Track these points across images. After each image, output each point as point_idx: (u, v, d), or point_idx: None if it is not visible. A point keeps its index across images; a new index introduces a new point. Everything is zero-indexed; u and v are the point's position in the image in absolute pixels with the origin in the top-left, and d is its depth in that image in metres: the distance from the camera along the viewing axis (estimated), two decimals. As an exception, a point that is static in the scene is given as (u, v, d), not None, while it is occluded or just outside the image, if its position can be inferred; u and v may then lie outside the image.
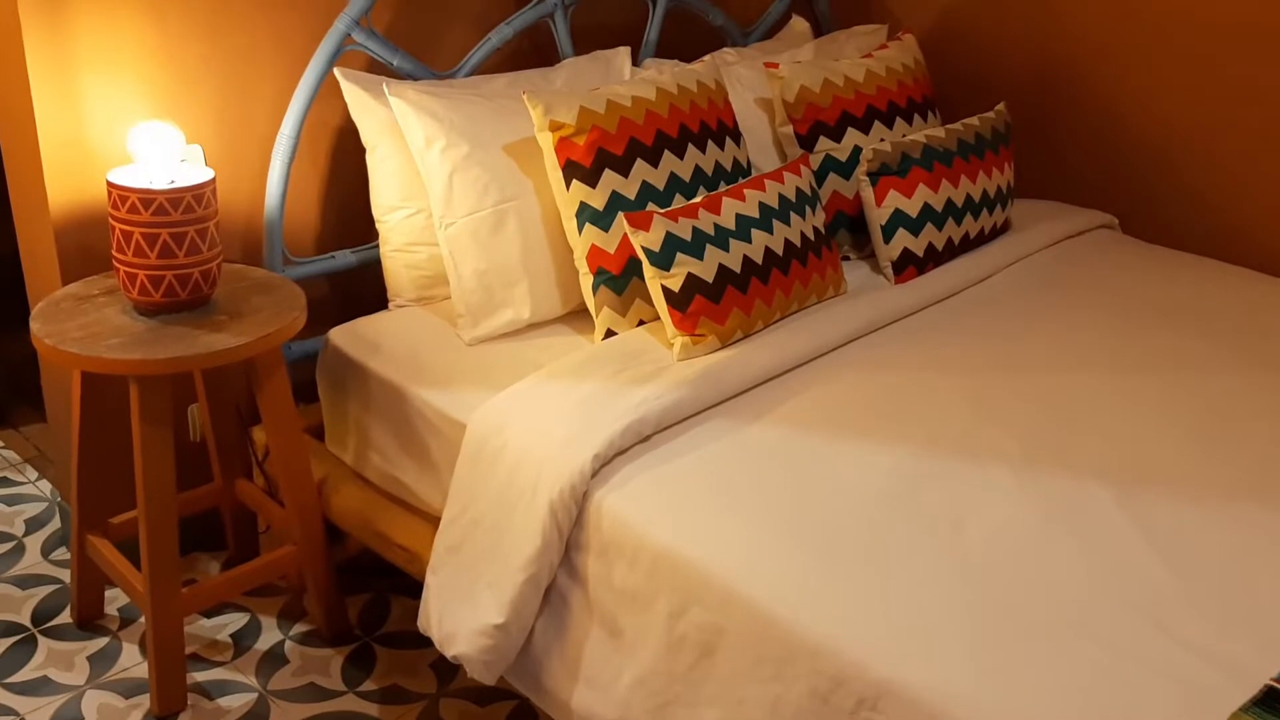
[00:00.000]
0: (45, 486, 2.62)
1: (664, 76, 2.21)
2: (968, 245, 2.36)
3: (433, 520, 1.96)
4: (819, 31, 2.93)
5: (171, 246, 1.87)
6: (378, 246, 2.27)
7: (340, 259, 2.31)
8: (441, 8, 2.42)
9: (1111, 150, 2.76)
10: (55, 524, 2.49)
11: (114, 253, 1.90)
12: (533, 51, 2.57)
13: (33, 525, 2.49)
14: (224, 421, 2.22)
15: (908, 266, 2.26)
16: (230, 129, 2.19)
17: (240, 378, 2.17)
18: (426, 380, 2.01)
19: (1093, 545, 1.53)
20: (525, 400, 1.85)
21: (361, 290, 2.35)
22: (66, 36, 1.97)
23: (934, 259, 2.29)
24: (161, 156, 1.90)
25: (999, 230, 2.46)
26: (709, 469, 1.69)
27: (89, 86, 2.02)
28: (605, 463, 1.70)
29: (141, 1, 2.03)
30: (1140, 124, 2.70)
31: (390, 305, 2.26)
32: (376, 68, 2.28)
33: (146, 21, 2.04)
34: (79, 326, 1.87)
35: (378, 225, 2.23)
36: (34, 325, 1.87)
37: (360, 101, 2.18)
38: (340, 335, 2.17)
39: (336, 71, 2.18)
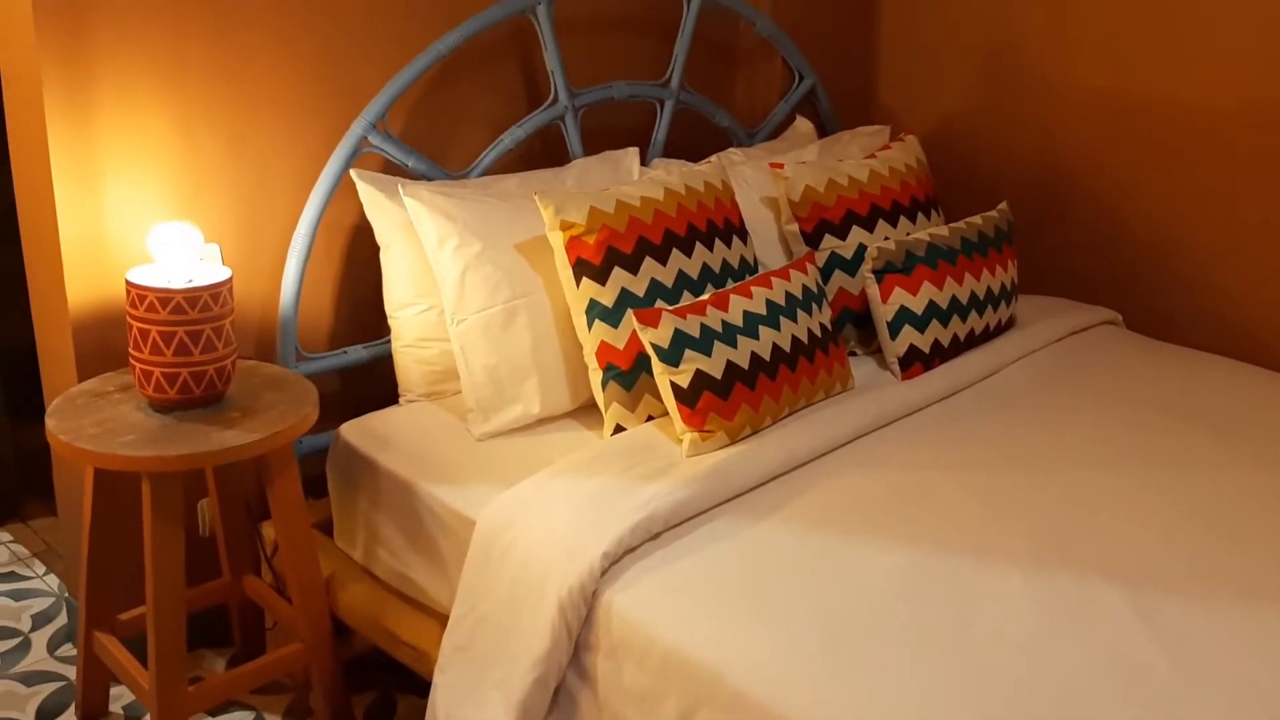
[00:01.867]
0: (53, 581, 2.62)
1: (672, 177, 2.26)
2: (973, 342, 2.39)
3: (441, 618, 1.95)
4: (823, 132, 3.00)
5: (187, 344, 1.90)
6: (389, 342, 2.30)
7: (353, 354, 2.34)
8: (455, 111, 2.48)
9: (1113, 247, 2.80)
10: (62, 619, 2.48)
11: (131, 350, 1.93)
12: (543, 151, 2.63)
13: (39, 620, 2.48)
14: (234, 516, 2.22)
15: (914, 363, 2.29)
16: (248, 228, 2.24)
17: (251, 472, 2.18)
18: (436, 476, 2.02)
19: (1102, 645, 1.52)
20: (534, 497, 1.86)
21: (373, 385, 2.37)
22: (90, 136, 2.03)
23: (940, 355, 2.31)
24: (180, 256, 1.94)
25: (1004, 327, 2.48)
26: (718, 568, 1.69)
27: (111, 186, 2.07)
28: (614, 561, 1.70)
29: (165, 103, 2.09)
30: (1141, 221, 2.75)
31: (401, 400, 2.28)
32: (391, 168, 2.33)
33: (169, 123, 2.10)
34: (94, 423, 1.89)
35: (390, 321, 2.27)
36: (49, 422, 1.90)
37: (375, 201, 2.22)
38: (351, 430, 2.18)
39: (353, 173, 2.23)
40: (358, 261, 2.38)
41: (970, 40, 2.97)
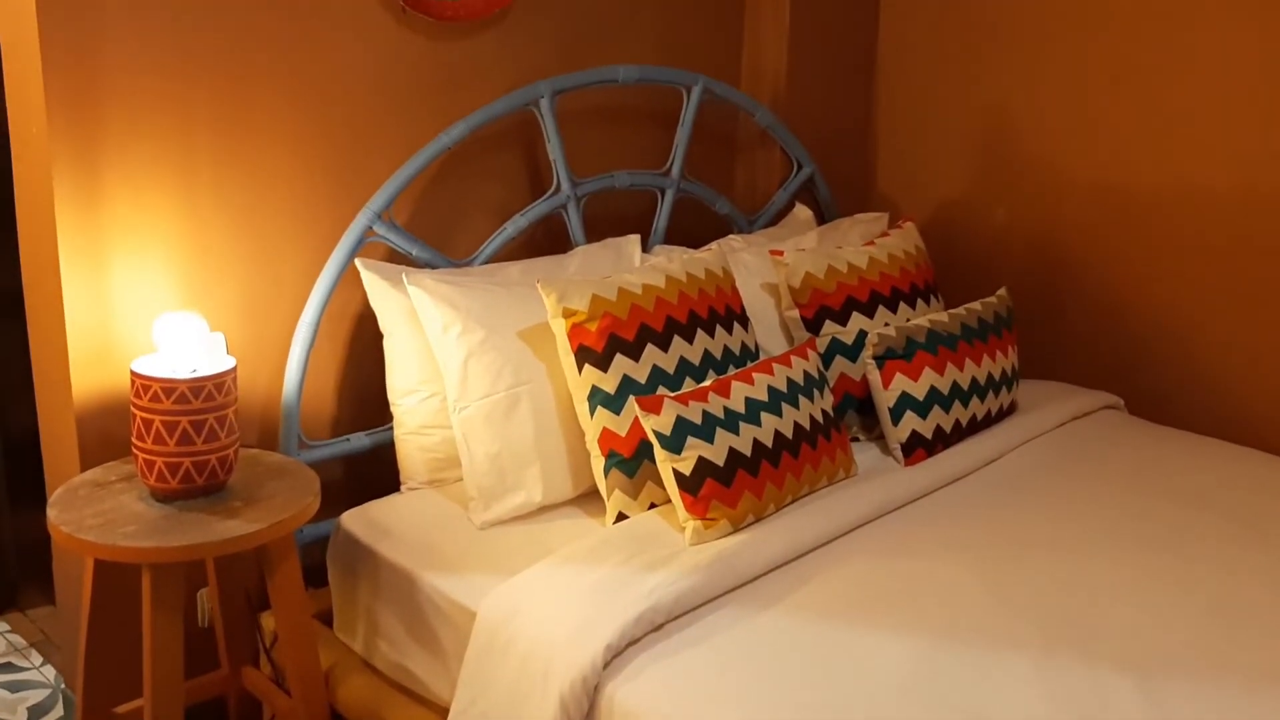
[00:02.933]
0: (50, 672, 2.59)
1: (673, 264, 2.28)
2: (975, 427, 2.39)
3: (442, 711, 1.92)
4: (822, 219, 3.03)
5: (190, 434, 1.90)
6: (392, 429, 2.30)
7: (355, 441, 2.34)
8: (459, 199, 2.52)
9: (1113, 331, 2.82)
10: (59, 711, 2.45)
11: (134, 440, 1.93)
12: (546, 238, 2.66)
13: (36, 713, 2.44)
14: (233, 607, 2.20)
15: (917, 449, 2.28)
16: (253, 316, 2.25)
17: (251, 562, 2.17)
18: (437, 565, 2.01)
19: (1116, 740, 1.49)
20: (536, 587, 1.84)
21: (374, 472, 2.37)
22: (99, 225, 2.05)
23: (943, 441, 2.31)
24: (185, 346, 1.95)
25: (1006, 412, 2.49)
26: (723, 659, 1.67)
27: (118, 274, 2.09)
28: (618, 653, 1.68)
29: (173, 192, 2.12)
30: (1140, 305, 2.77)
31: (402, 488, 2.28)
32: (396, 257, 2.36)
33: (177, 211, 2.13)
34: (95, 514, 1.88)
35: (392, 408, 2.27)
36: (51, 513, 1.89)
37: (380, 290, 2.24)
38: (351, 520, 2.17)
39: (358, 262, 2.25)
40: (361, 348, 2.39)
41: (966, 128, 3.02)
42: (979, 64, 2.96)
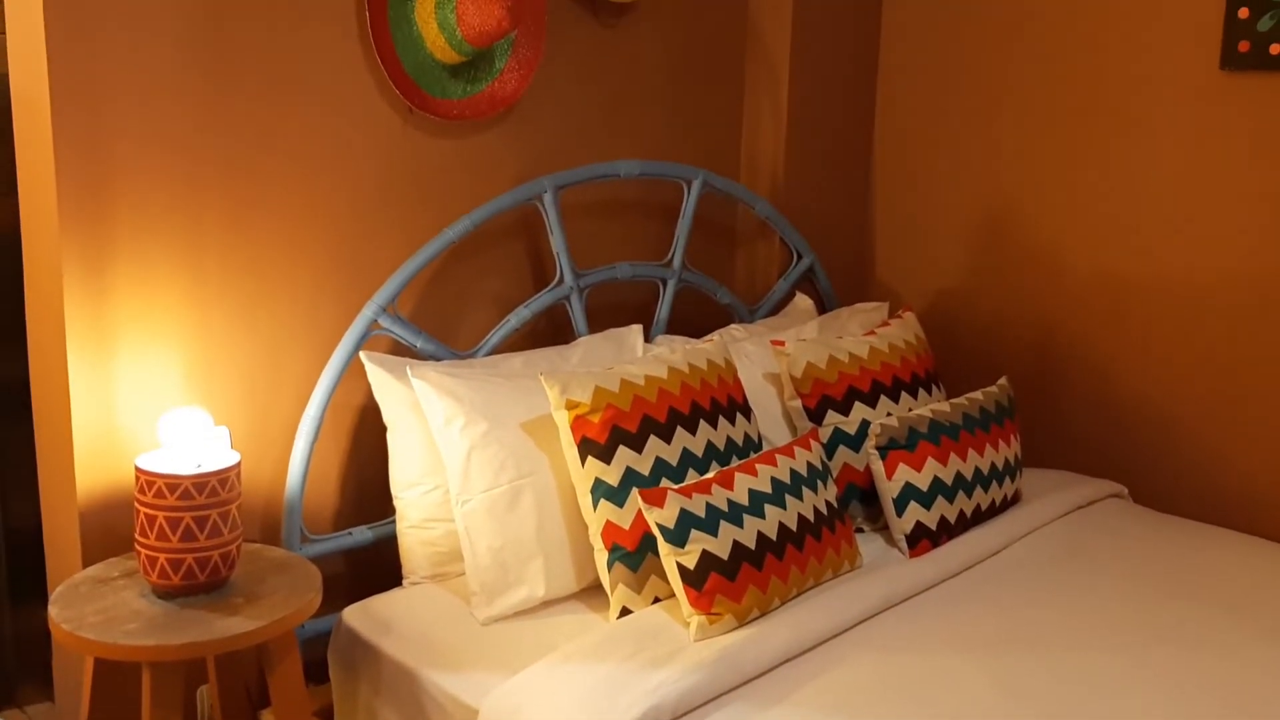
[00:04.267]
0: (44, 771, 2.55)
1: (675, 355, 2.29)
2: (980, 517, 2.38)
3: (443, 812, 1.89)
4: (823, 308, 3.06)
5: (194, 530, 1.90)
6: (394, 523, 2.29)
7: (357, 535, 2.33)
8: (463, 291, 2.54)
9: (1115, 418, 2.82)
10: (50, 813, 2.40)
11: (137, 536, 1.93)
12: (549, 328, 2.68)
13: (28, 814, 2.40)
14: (233, 704, 2.18)
15: (921, 540, 2.28)
16: (257, 410, 2.26)
17: (252, 658, 2.15)
18: (439, 662, 1.99)
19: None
20: (539, 685, 1.82)
21: (377, 565, 2.36)
22: (107, 321, 2.07)
23: (947, 532, 2.30)
24: (189, 441, 1.96)
25: (1010, 502, 2.48)
26: (728, 759, 1.65)
27: (124, 370, 2.10)
28: (621, 753, 1.66)
29: (181, 287, 2.14)
30: (1142, 392, 2.78)
31: (404, 582, 2.27)
32: (400, 349, 2.38)
33: (185, 307, 2.15)
34: (96, 611, 1.87)
35: (395, 501, 2.27)
36: (52, 610, 1.88)
37: (384, 383, 2.26)
38: (353, 615, 2.16)
39: (362, 355, 2.27)
40: (364, 441, 2.40)
41: (963, 217, 3.06)
42: (974, 154, 3.01)
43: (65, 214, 2.02)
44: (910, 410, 2.45)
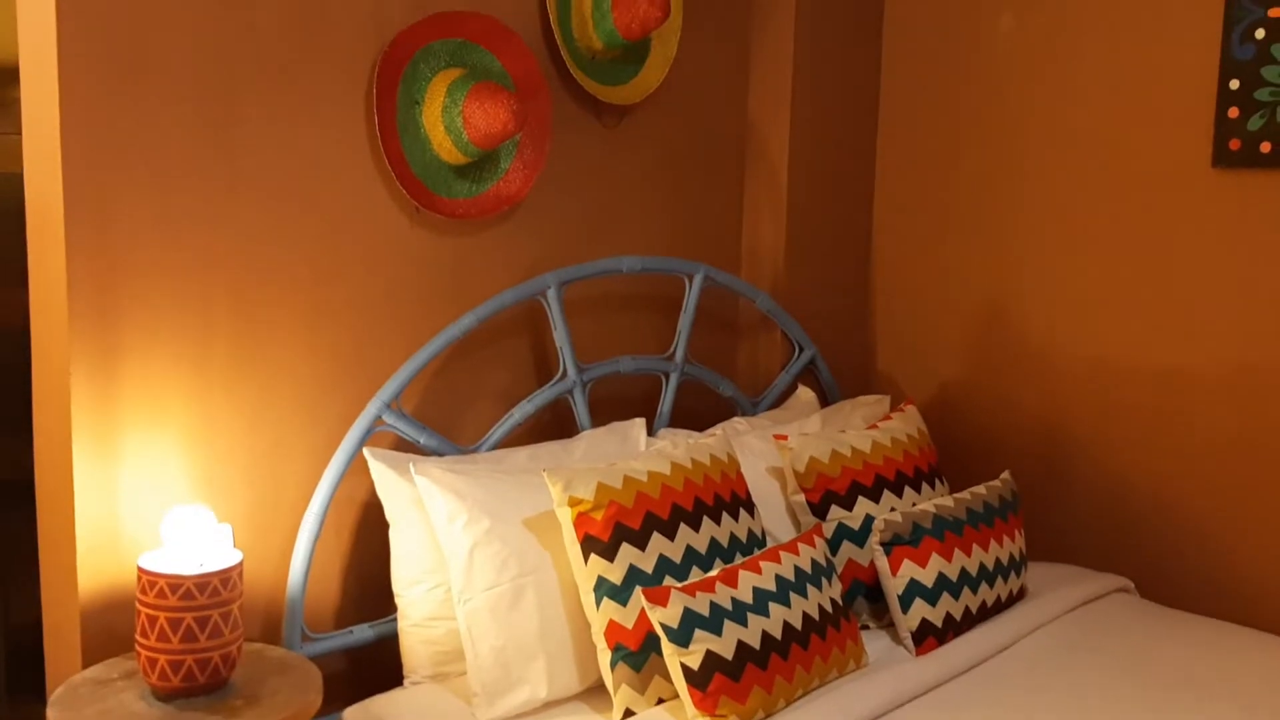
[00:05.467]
0: None
1: (678, 450, 2.30)
2: (985, 614, 2.36)
3: None
4: (825, 401, 3.07)
5: (194, 630, 1.89)
6: (396, 620, 2.28)
7: (358, 634, 2.31)
8: (467, 386, 2.56)
9: (1120, 511, 2.81)
10: None
11: (138, 636, 1.91)
12: (553, 421, 2.69)
13: None
14: (229, 808, 2.14)
15: (927, 637, 2.26)
16: (260, 507, 2.26)
17: (250, 760, 2.12)
18: (441, 765, 1.96)
19: None
20: (542, 790, 1.80)
21: (378, 664, 2.33)
22: (113, 418, 2.08)
23: (953, 629, 2.28)
24: (192, 540, 1.96)
25: (1015, 597, 2.46)
26: None
27: (129, 466, 2.11)
28: None
29: (188, 385, 2.15)
30: (1146, 485, 2.77)
31: (405, 681, 2.24)
32: (403, 445, 2.38)
33: (190, 404, 2.16)
34: (96, 714, 1.85)
35: (397, 599, 2.26)
36: (51, 713, 1.86)
37: (387, 479, 2.26)
38: (354, 716, 2.13)
39: (366, 451, 2.28)
40: (366, 538, 2.39)
41: (964, 309, 3.09)
42: (972, 247, 3.05)
43: (75, 310, 2.04)
44: (914, 505, 2.45)
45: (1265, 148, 2.56)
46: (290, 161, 2.24)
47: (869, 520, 2.41)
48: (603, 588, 2.07)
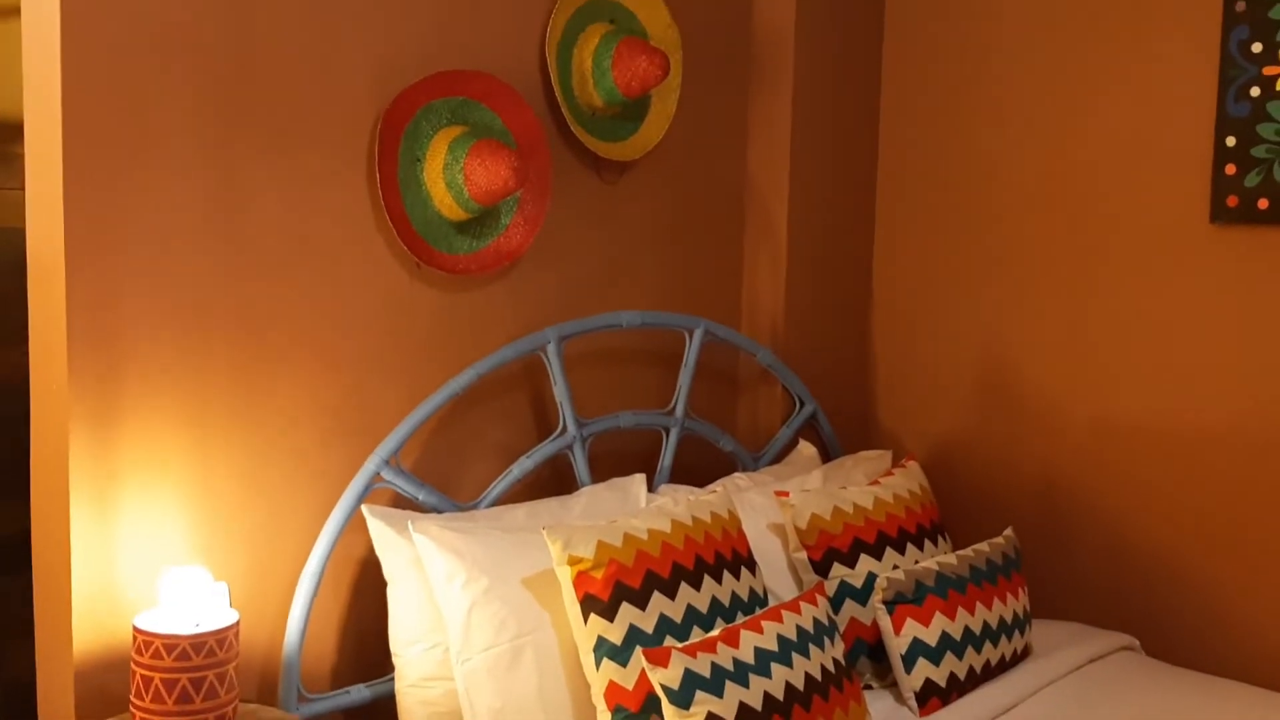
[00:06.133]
0: None
1: (679, 507, 2.28)
2: (989, 673, 2.34)
3: None
4: (826, 455, 3.06)
5: (189, 692, 1.86)
6: (393, 681, 2.25)
7: (355, 694, 2.29)
8: (466, 442, 2.55)
9: (1124, 566, 2.80)
10: None
11: (132, 698, 1.89)
12: (552, 477, 2.67)
13: None
14: None
15: (931, 697, 2.23)
16: (257, 565, 2.24)
17: (243, 825, 2.08)
18: (438, 830, 1.93)
19: None
20: None
21: (375, 724, 2.31)
22: (111, 476, 2.07)
23: (957, 689, 2.26)
24: (188, 600, 1.94)
25: (1020, 656, 2.44)
26: None
27: (126, 525, 2.09)
28: None
29: (186, 442, 2.14)
30: (1148, 542, 2.76)
31: (403, 743, 2.21)
32: (402, 501, 2.37)
33: (189, 460, 2.15)
34: (86, 779, 1.83)
35: (394, 659, 2.23)
36: (40, 778, 1.83)
37: (385, 537, 2.24)
38: (351, 778, 2.10)
39: (364, 509, 2.26)
40: (363, 596, 2.37)
41: (964, 362, 3.09)
42: (972, 301, 3.06)
43: (75, 367, 2.04)
44: (916, 562, 2.43)
45: (1263, 204, 2.58)
46: (291, 218, 2.25)
47: (871, 578, 2.39)
48: (603, 648, 2.05)
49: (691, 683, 1.92)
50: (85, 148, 2.00)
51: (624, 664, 2.03)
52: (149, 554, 2.12)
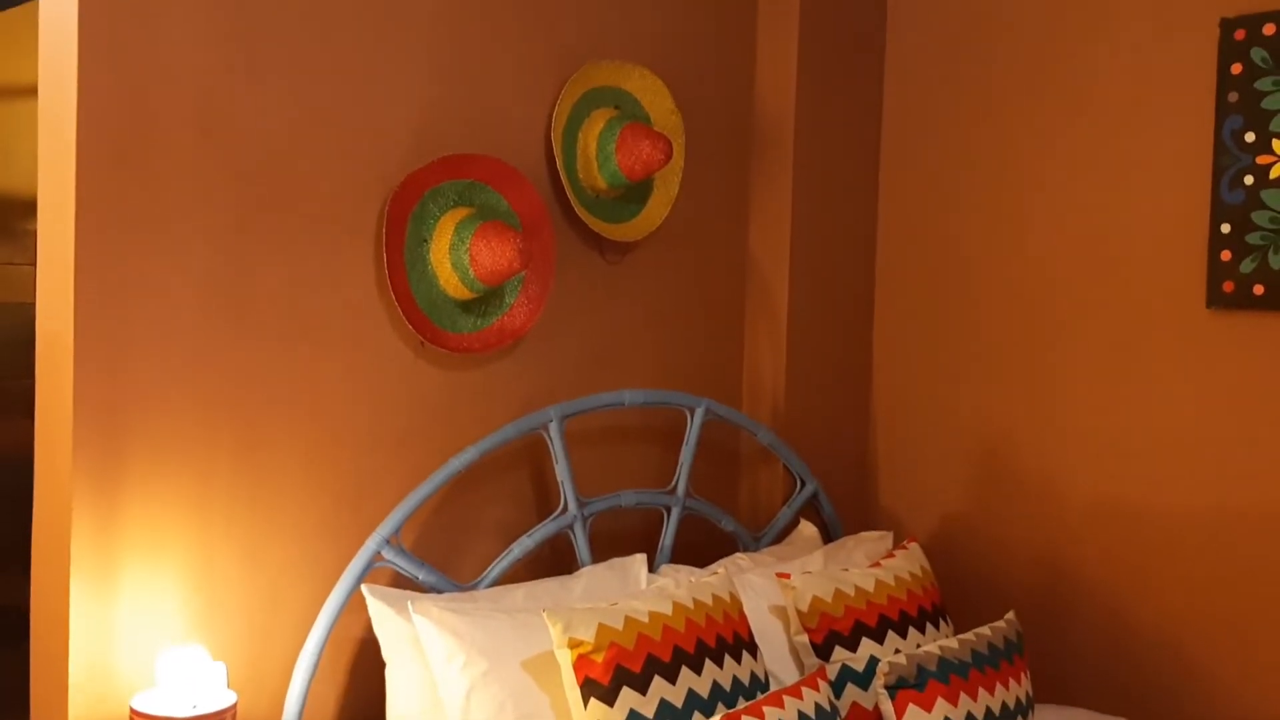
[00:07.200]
0: None
1: (680, 589, 2.27)
2: (993, 761, 2.31)
3: None
4: (827, 535, 3.05)
5: (184, 776, 1.84)
6: (391, 763, 2.23)
7: (351, 778, 2.26)
8: (466, 521, 2.55)
9: (1126, 649, 2.78)
10: None
11: (125, 782, 1.87)
12: (552, 555, 2.67)
13: None
14: None
15: (934, 786, 2.20)
16: (256, 644, 2.23)
17: None
18: None
19: None
20: None
21: (370, 809, 2.28)
22: (112, 553, 2.06)
23: (960, 778, 2.23)
24: (186, 681, 1.93)
25: (1024, 743, 2.41)
26: None
27: (125, 602, 2.08)
28: None
29: (189, 524, 2.14)
30: (1150, 623, 2.74)
31: (399, 828, 2.18)
32: (402, 581, 2.36)
33: (190, 539, 2.15)
34: None
35: (392, 742, 2.21)
36: None
37: (384, 617, 2.23)
38: None
39: (364, 588, 2.25)
40: (362, 676, 2.35)
41: (964, 445, 3.09)
42: (971, 383, 3.07)
43: (80, 442, 2.05)
44: (918, 646, 2.41)
45: (1258, 290, 2.61)
46: (297, 299, 2.27)
47: (873, 662, 2.37)
48: (602, 734, 2.03)
49: (692, 770, 1.90)
50: (97, 225, 2.04)
51: (624, 750, 2.01)
52: (147, 632, 2.11)
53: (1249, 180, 2.62)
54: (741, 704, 2.10)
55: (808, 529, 3.00)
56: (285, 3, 2.24)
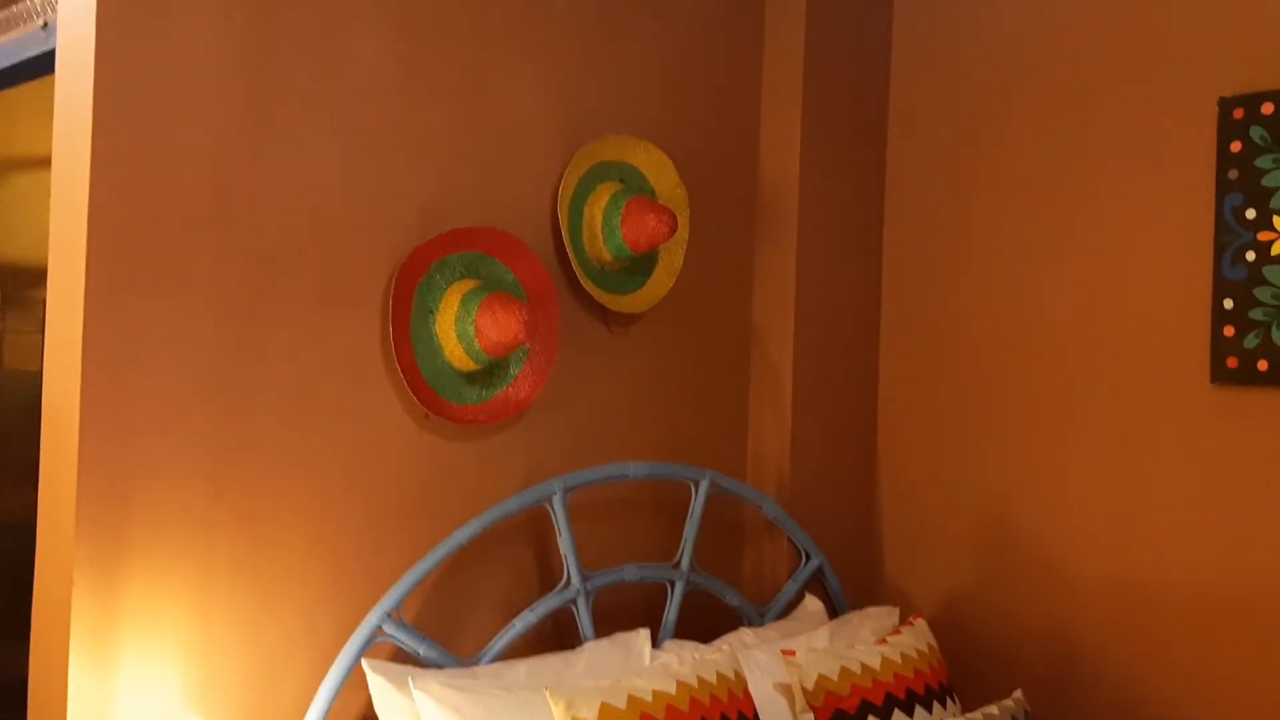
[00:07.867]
0: None
1: (684, 668, 2.25)
2: (1002, 845, 2.27)
3: None
4: (832, 609, 3.02)
5: None
6: (388, 842, 2.19)
7: None
8: (469, 594, 2.52)
9: (1136, 730, 2.74)
10: None
11: None
12: (554, 630, 2.64)
13: None
14: None
15: None
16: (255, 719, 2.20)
17: None
18: None
19: None
20: None
21: None
22: (112, 626, 2.05)
23: None
24: (183, 758, 1.90)
25: (1033, 827, 2.37)
26: None
27: (124, 677, 2.06)
28: None
29: (189, 592, 2.13)
30: (1159, 701, 2.70)
31: None
32: (402, 655, 2.34)
33: (191, 613, 2.13)
34: None
35: (390, 821, 2.17)
36: None
37: (385, 693, 2.20)
38: None
39: (364, 663, 2.23)
40: (361, 753, 2.32)
41: (970, 520, 3.07)
42: (976, 458, 3.06)
43: (83, 512, 2.04)
44: (925, 725, 2.38)
45: (1262, 365, 2.61)
46: (302, 371, 2.28)
47: (879, 742, 2.34)
48: (604, 816, 1.99)
49: None
50: (106, 296, 2.05)
51: (626, 833, 1.97)
52: (146, 705, 2.08)
53: (1250, 256, 2.63)
54: (745, 785, 2.07)
55: (813, 603, 2.97)
56: (298, 80, 2.28)
